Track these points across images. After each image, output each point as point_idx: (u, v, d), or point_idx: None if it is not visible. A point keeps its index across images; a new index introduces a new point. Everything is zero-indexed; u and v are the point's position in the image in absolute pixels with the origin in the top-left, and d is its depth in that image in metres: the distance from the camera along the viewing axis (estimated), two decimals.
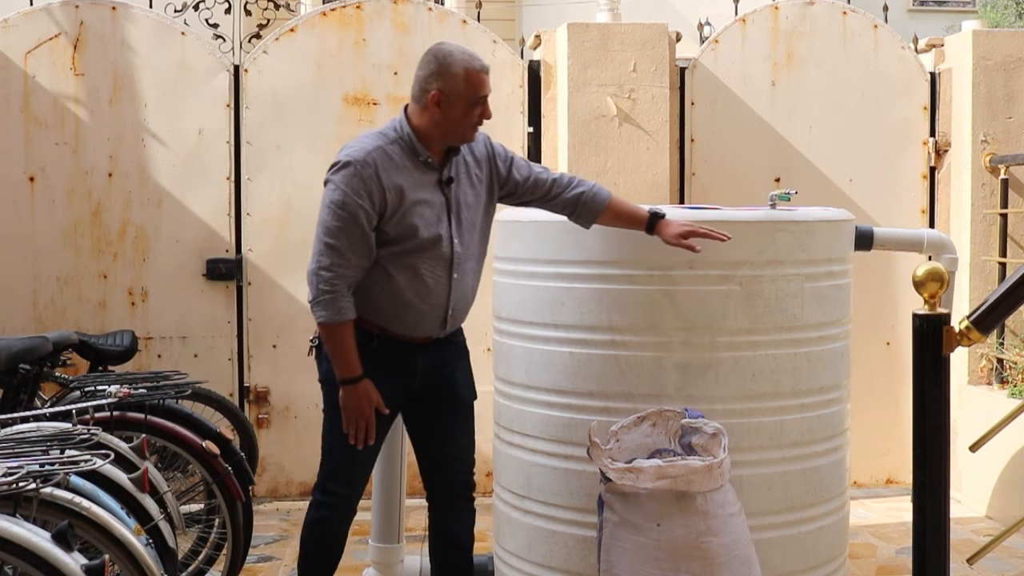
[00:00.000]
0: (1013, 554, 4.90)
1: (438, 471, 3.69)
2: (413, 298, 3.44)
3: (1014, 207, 5.83)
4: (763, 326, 3.63)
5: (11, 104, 5.66)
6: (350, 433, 3.44)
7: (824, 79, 6.00)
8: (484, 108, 3.43)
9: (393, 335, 3.49)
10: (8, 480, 2.70)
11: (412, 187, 3.40)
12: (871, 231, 4.41)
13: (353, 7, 5.83)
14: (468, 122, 3.42)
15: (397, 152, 3.41)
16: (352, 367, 3.39)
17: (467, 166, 3.53)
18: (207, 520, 4.26)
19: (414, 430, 3.71)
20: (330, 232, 3.36)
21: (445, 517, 3.71)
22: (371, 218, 3.36)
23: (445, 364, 3.61)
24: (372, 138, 3.45)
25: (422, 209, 3.40)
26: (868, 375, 5.88)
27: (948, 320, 3.23)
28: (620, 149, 5.69)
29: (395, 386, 3.50)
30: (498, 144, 3.65)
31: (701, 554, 3.20)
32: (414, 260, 3.42)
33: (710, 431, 3.36)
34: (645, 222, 3.56)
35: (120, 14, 5.72)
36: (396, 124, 3.47)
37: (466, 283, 3.55)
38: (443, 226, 3.44)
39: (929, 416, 3.19)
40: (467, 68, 3.39)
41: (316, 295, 3.36)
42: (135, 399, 3.92)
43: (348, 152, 3.40)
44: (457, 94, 3.38)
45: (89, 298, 5.72)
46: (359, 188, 3.34)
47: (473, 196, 3.53)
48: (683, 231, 3.50)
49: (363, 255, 3.37)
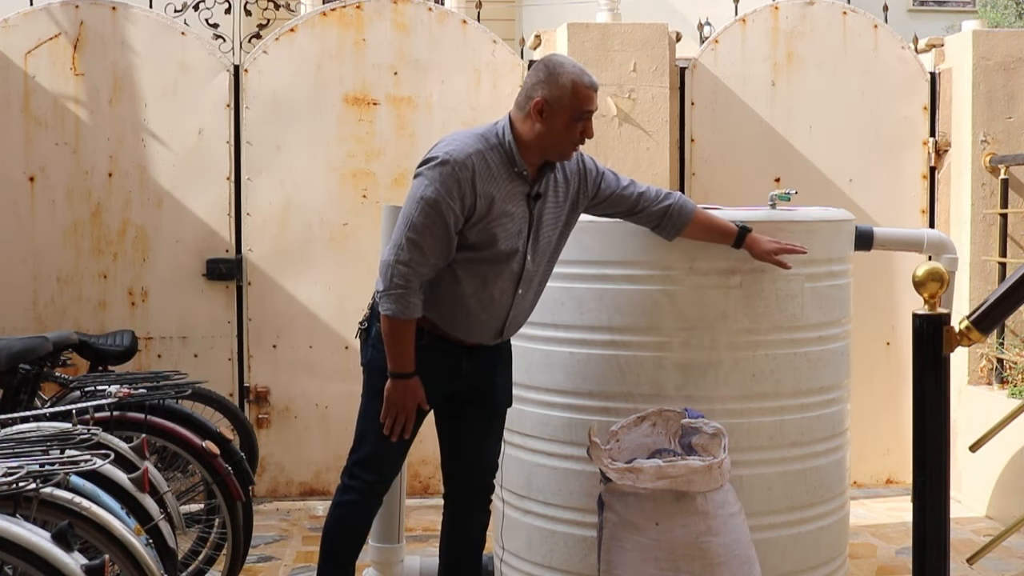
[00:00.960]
0: (1013, 554, 4.90)
1: (462, 472, 3.68)
2: (475, 306, 3.40)
3: (1014, 207, 5.83)
4: (763, 326, 3.63)
5: (11, 104, 5.66)
6: (387, 424, 3.40)
7: (824, 79, 6.00)
8: (587, 125, 3.33)
9: (444, 335, 3.45)
10: (8, 480, 2.70)
11: (503, 198, 3.32)
12: (871, 231, 4.40)
13: (353, 7, 5.83)
14: (569, 137, 3.32)
15: (495, 159, 3.32)
16: (407, 363, 3.35)
17: (556, 183, 3.45)
18: (207, 520, 4.25)
19: (445, 430, 3.68)
20: (415, 228, 3.26)
21: (462, 517, 3.70)
22: (458, 221, 3.28)
23: (488, 368, 3.57)
24: (473, 140, 3.34)
25: (506, 221, 3.34)
26: (868, 375, 5.88)
27: (948, 320, 3.23)
28: (620, 149, 5.69)
29: (437, 383, 3.46)
30: (590, 159, 3.58)
31: (701, 554, 3.20)
32: (485, 270, 3.37)
33: (710, 431, 3.36)
34: (734, 236, 3.55)
35: (120, 14, 5.72)
36: (499, 129, 3.37)
37: (528, 299, 3.51)
38: (521, 241, 3.38)
39: (929, 416, 3.19)
40: (575, 80, 3.28)
41: (388, 287, 3.28)
42: (135, 399, 3.91)
43: (447, 150, 3.29)
44: (561, 105, 3.28)
45: (89, 298, 5.72)
46: (452, 189, 3.24)
47: (554, 215, 3.46)
48: (774, 248, 3.54)
49: (442, 256, 3.31)
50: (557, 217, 3.48)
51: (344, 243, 5.82)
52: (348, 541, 3.59)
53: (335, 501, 3.58)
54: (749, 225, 3.56)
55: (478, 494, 3.69)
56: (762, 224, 3.64)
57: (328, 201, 5.81)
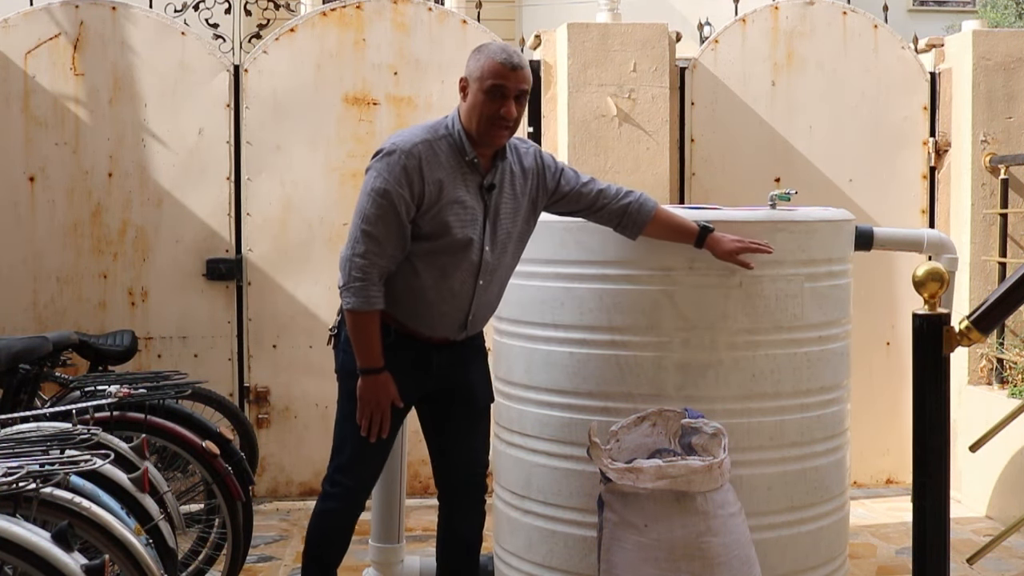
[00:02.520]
0: (1013, 554, 4.90)
1: (451, 472, 3.68)
2: (435, 298, 3.42)
3: (1014, 207, 5.83)
4: (763, 326, 3.63)
5: (11, 104, 5.66)
6: (363, 425, 3.41)
7: (824, 79, 6.00)
8: (504, 104, 3.34)
9: (410, 332, 3.47)
10: (8, 480, 2.70)
11: (452, 185, 3.36)
12: (871, 231, 4.40)
13: (353, 7, 5.83)
14: (484, 115, 3.34)
15: (444, 148, 3.38)
16: (374, 357, 3.37)
17: (512, 176, 3.49)
18: (207, 520, 4.25)
19: (429, 430, 3.70)
20: (368, 219, 3.32)
21: (456, 517, 3.70)
22: (410, 208, 3.32)
23: (461, 365, 3.59)
24: (420, 131, 3.42)
25: (458, 209, 3.37)
26: (868, 375, 5.88)
27: (948, 320, 3.23)
28: (620, 149, 5.70)
29: (408, 382, 3.47)
30: (548, 155, 3.62)
31: (701, 554, 3.20)
32: (443, 260, 3.39)
33: (710, 431, 3.36)
34: (695, 236, 3.55)
35: (120, 14, 5.72)
36: (448, 121, 3.44)
37: (491, 291, 3.52)
38: (476, 230, 3.40)
39: (929, 416, 3.19)
40: (491, 56, 3.35)
41: (348, 281, 3.33)
42: (135, 399, 3.91)
43: (394, 141, 3.38)
44: (475, 78, 3.36)
45: (89, 298, 5.72)
46: (401, 177, 3.30)
47: (512, 207, 3.49)
48: (736, 247, 3.51)
49: (398, 246, 3.35)
50: (515, 210, 3.49)
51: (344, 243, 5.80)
52: (332, 546, 3.60)
53: (318, 509, 3.59)
54: (711, 225, 3.55)
55: (470, 493, 3.69)
56: (762, 224, 3.64)
57: (328, 201, 5.81)
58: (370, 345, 3.37)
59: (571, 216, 3.65)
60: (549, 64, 5.90)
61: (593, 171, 5.63)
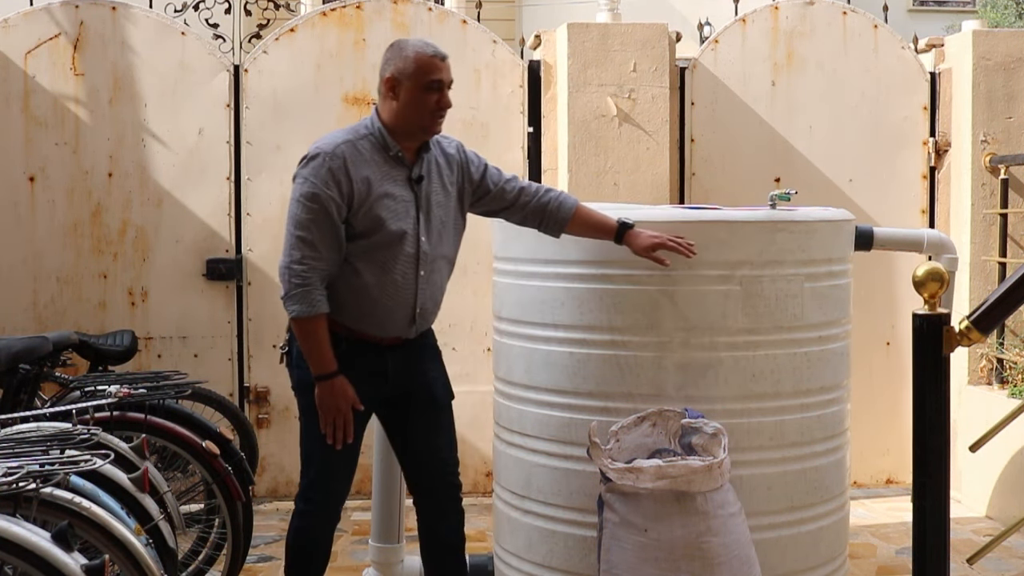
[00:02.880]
0: (1013, 554, 4.90)
1: (421, 473, 3.68)
2: (380, 295, 3.43)
3: (1014, 207, 5.83)
4: (763, 326, 3.63)
5: (11, 104, 5.66)
6: (328, 432, 3.41)
7: (824, 79, 6.00)
8: (440, 95, 3.42)
9: (362, 336, 3.48)
10: (8, 480, 2.70)
11: (380, 180, 3.41)
12: (871, 231, 4.40)
13: (353, 7, 5.83)
14: (424, 108, 3.40)
15: (367, 147, 3.43)
16: (327, 362, 3.38)
17: (439, 167, 3.54)
18: (207, 520, 4.26)
19: (394, 434, 3.70)
20: (301, 225, 3.35)
21: (434, 519, 3.69)
22: (341, 209, 3.36)
23: (417, 365, 3.61)
24: (341, 134, 3.47)
25: (389, 202, 3.41)
26: (868, 375, 5.88)
27: (948, 320, 3.23)
28: (620, 149, 5.70)
29: (367, 388, 3.49)
30: (471, 151, 3.67)
31: (701, 554, 3.20)
32: (382, 256, 3.42)
33: (710, 431, 3.36)
34: (614, 232, 3.55)
35: (120, 14, 5.72)
36: (367, 121, 3.50)
37: (434, 283, 3.55)
38: (410, 222, 3.44)
39: (929, 416, 3.19)
40: (417, 52, 3.41)
41: (289, 289, 3.35)
42: (135, 399, 3.92)
43: (318, 145, 3.42)
44: (406, 76, 3.40)
45: (89, 298, 5.72)
46: (327, 179, 3.34)
47: (443, 196, 3.54)
48: (652, 243, 3.50)
49: (334, 248, 3.37)
50: (447, 199, 3.54)
51: None
52: (312, 561, 3.62)
53: (293, 526, 3.60)
54: (631, 220, 3.55)
55: (443, 493, 3.68)
56: (762, 224, 3.64)
57: None
58: (321, 350, 3.38)
59: (495, 216, 3.70)
60: (549, 64, 5.90)
61: (593, 171, 5.64)
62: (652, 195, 5.64)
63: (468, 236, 3.68)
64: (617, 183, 5.63)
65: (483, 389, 5.60)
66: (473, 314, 5.84)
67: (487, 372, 4.17)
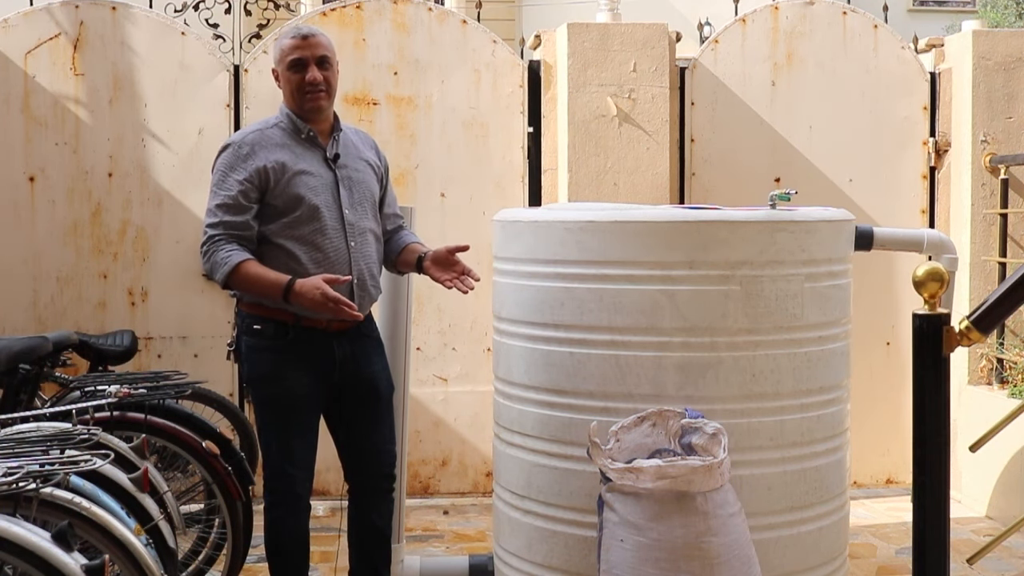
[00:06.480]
0: (1013, 554, 4.90)
1: (359, 464, 3.78)
2: (316, 270, 3.51)
3: (1014, 207, 5.83)
4: (763, 326, 3.63)
5: (11, 104, 5.66)
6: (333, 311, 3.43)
7: (824, 79, 6.00)
8: (309, 71, 3.62)
9: (308, 323, 3.57)
10: (8, 480, 2.70)
11: (294, 161, 3.60)
12: (871, 231, 4.40)
13: (353, 7, 5.83)
14: (296, 89, 3.63)
15: (277, 134, 3.64)
16: (278, 281, 3.46)
17: (353, 145, 3.77)
18: (207, 520, 4.25)
19: (334, 425, 3.79)
20: (211, 212, 3.56)
21: (366, 508, 3.78)
22: (250, 190, 3.53)
23: (362, 357, 3.71)
24: (252, 125, 3.72)
25: (306, 179, 3.58)
26: (868, 375, 5.88)
27: (948, 320, 3.23)
28: (620, 149, 5.69)
29: (316, 377, 3.59)
30: (383, 155, 3.93)
31: (701, 554, 3.20)
32: (308, 231, 3.55)
33: (710, 431, 3.36)
34: (414, 264, 3.80)
35: (120, 14, 5.72)
36: (276, 113, 3.74)
37: (367, 254, 3.67)
38: (331, 195, 3.60)
39: (929, 416, 3.19)
40: (283, 39, 3.70)
41: (206, 259, 3.53)
42: (135, 399, 3.92)
43: (229, 139, 3.68)
44: (278, 63, 3.70)
45: (89, 298, 5.72)
46: (236, 164, 3.56)
47: (363, 174, 3.73)
48: (441, 273, 3.70)
49: (245, 219, 3.54)
50: (367, 176, 3.76)
51: None
52: (292, 555, 3.68)
53: (266, 522, 3.67)
54: (428, 252, 3.76)
55: (379, 484, 3.79)
56: (762, 224, 3.64)
57: None
58: (266, 279, 3.48)
59: None
60: (549, 64, 5.90)
61: (593, 171, 5.64)
62: (652, 195, 5.64)
63: (468, 236, 3.69)
64: (617, 183, 5.63)
65: (483, 389, 5.61)
66: (473, 314, 5.83)
67: (487, 372, 4.17)
